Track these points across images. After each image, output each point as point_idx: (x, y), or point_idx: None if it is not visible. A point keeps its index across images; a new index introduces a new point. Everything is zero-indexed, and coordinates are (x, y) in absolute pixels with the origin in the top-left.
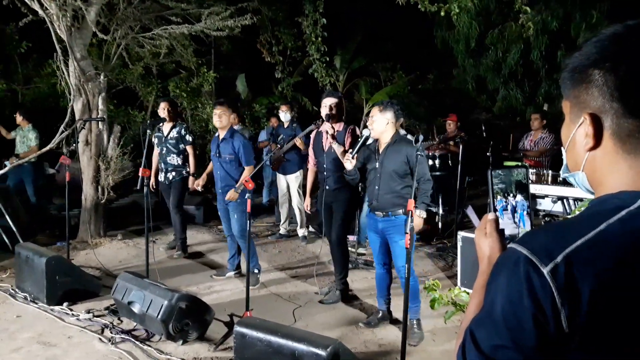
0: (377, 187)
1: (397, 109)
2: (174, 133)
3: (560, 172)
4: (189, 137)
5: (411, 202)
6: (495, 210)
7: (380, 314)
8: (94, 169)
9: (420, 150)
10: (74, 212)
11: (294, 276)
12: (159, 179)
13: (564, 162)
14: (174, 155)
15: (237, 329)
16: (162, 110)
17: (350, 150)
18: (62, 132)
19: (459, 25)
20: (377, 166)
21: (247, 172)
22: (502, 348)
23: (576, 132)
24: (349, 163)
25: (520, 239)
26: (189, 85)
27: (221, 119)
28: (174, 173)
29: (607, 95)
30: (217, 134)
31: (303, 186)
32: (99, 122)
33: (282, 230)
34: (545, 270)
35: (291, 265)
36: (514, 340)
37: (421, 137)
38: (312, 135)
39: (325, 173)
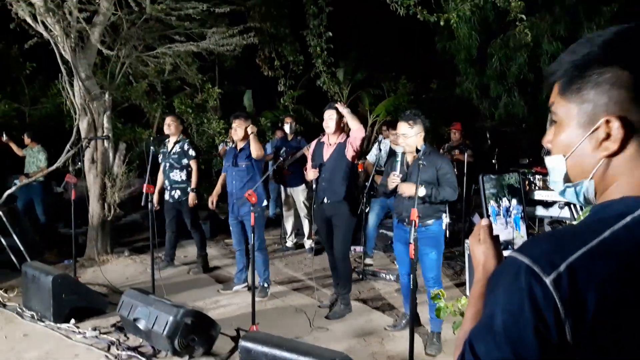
0: (407, 199)
1: (423, 119)
2: (176, 148)
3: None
4: (192, 152)
5: (414, 212)
6: (488, 215)
7: (406, 319)
8: (100, 187)
9: (446, 164)
10: (81, 230)
11: (302, 288)
12: (165, 198)
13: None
14: (177, 171)
15: (242, 343)
16: (167, 126)
17: (394, 172)
18: (68, 151)
19: (460, 36)
20: (406, 178)
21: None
22: None
23: (588, 138)
24: (393, 184)
25: (521, 248)
26: (194, 101)
27: (237, 132)
28: (179, 192)
29: (624, 95)
30: (233, 145)
31: (309, 199)
32: (104, 140)
33: (288, 243)
34: (548, 280)
35: (298, 278)
36: (515, 353)
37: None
38: (313, 145)
39: (323, 184)
